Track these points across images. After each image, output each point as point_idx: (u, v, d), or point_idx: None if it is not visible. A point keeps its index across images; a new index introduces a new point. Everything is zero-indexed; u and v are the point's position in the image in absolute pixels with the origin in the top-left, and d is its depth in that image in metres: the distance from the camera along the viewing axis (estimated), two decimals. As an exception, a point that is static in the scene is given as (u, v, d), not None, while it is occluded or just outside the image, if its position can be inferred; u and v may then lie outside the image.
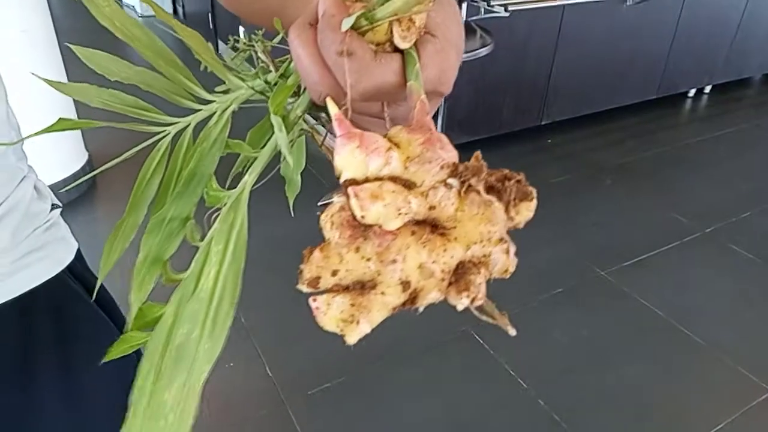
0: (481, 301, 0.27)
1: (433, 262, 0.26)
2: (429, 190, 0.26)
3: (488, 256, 0.27)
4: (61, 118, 0.37)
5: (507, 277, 0.28)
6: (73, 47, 0.38)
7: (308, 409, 1.66)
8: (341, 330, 0.26)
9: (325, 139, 0.41)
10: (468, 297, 0.27)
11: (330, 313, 0.26)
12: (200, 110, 0.40)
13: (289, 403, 1.67)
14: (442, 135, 0.28)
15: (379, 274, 0.26)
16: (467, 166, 0.27)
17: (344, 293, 0.26)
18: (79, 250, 0.63)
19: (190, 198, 0.37)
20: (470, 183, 0.26)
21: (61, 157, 2.47)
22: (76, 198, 2.53)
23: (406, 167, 0.27)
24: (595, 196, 2.82)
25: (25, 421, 0.57)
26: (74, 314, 0.61)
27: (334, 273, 0.26)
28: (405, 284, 0.26)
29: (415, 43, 0.29)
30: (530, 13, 2.78)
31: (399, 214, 0.25)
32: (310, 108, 0.37)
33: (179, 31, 0.38)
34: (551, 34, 3.00)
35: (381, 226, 0.25)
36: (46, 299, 0.58)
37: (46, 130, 0.38)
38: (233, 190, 0.36)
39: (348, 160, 0.26)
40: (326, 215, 0.26)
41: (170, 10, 5.60)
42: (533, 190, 0.28)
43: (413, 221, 0.26)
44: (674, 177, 3.02)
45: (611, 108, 3.55)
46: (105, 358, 0.37)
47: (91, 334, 0.62)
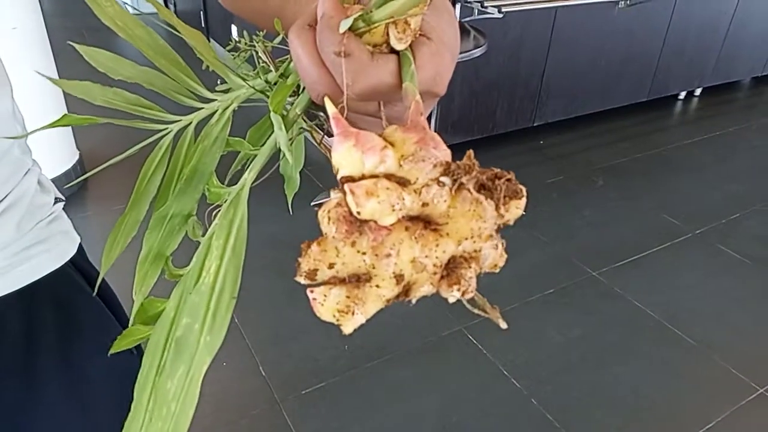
0: (472, 294, 0.29)
1: (426, 257, 0.28)
2: (422, 187, 0.27)
3: (479, 252, 0.29)
4: (66, 114, 0.38)
5: (497, 271, 0.30)
6: (77, 46, 0.38)
7: (302, 408, 1.66)
8: (337, 320, 0.28)
9: (323, 137, 0.42)
10: (459, 290, 0.28)
11: (327, 303, 0.27)
12: (202, 108, 0.41)
13: (282, 402, 1.67)
14: (435, 135, 0.29)
15: (373, 268, 0.27)
16: (459, 164, 0.28)
17: (340, 285, 0.28)
18: (81, 244, 0.64)
19: (192, 195, 0.38)
20: (462, 181, 0.27)
21: (52, 156, 2.46)
22: (67, 197, 2.51)
23: (400, 165, 0.28)
24: (587, 197, 2.84)
25: (28, 411, 0.58)
26: (77, 307, 0.62)
27: (330, 266, 0.27)
28: (398, 277, 0.28)
29: (410, 45, 0.30)
30: (523, 14, 2.79)
31: (393, 210, 0.26)
32: (308, 107, 0.38)
33: (181, 30, 0.38)
34: (544, 35, 3.02)
35: (376, 222, 0.27)
36: (49, 291, 0.58)
37: (53, 125, 0.38)
38: (233, 186, 0.36)
39: (344, 158, 0.27)
40: (324, 211, 0.27)
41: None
42: (523, 189, 0.29)
43: (407, 217, 0.28)
44: (665, 178, 3.05)
45: (603, 110, 3.58)
46: (110, 352, 0.37)
47: (93, 327, 0.63)
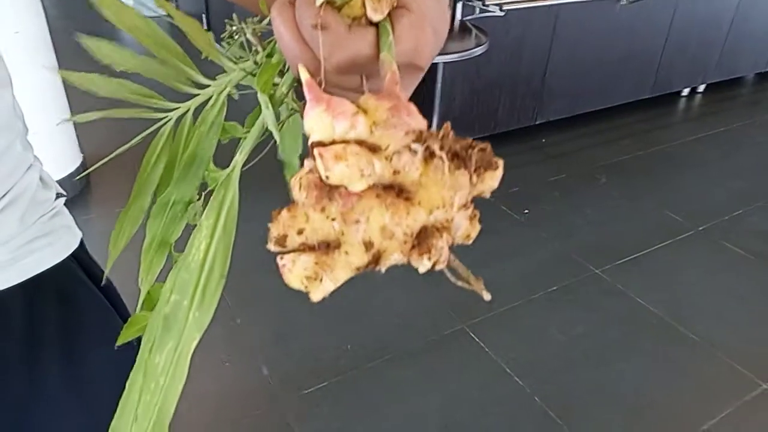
0: (443, 265, 0.28)
1: (396, 225, 0.27)
2: (393, 154, 0.27)
3: (450, 221, 0.28)
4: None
5: (469, 242, 0.29)
6: (83, 39, 0.39)
7: (304, 408, 1.66)
8: (306, 287, 0.27)
9: None
10: (429, 259, 0.28)
11: (295, 270, 0.27)
12: (198, 95, 0.41)
13: (284, 402, 1.67)
14: (410, 104, 0.29)
15: (342, 234, 0.27)
16: (432, 133, 0.28)
17: (309, 252, 0.27)
18: (82, 239, 0.65)
19: (192, 181, 0.38)
20: (433, 149, 0.27)
21: (56, 158, 2.46)
22: (70, 198, 2.51)
23: (372, 132, 0.28)
24: (590, 194, 2.83)
25: (30, 404, 0.58)
26: (79, 300, 0.62)
27: (300, 232, 0.27)
28: (368, 245, 0.27)
29: (390, 18, 0.30)
30: (525, 12, 2.79)
31: (362, 175, 0.26)
32: (296, 86, 0.38)
33: (177, 19, 0.39)
34: (546, 33, 3.02)
35: (346, 188, 0.27)
36: (52, 284, 0.59)
37: (76, 119, 0.40)
38: (226, 169, 0.37)
39: (315, 123, 0.28)
40: (296, 177, 0.27)
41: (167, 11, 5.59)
42: (499, 160, 0.29)
43: (380, 185, 0.27)
44: (668, 175, 3.03)
45: (606, 107, 3.56)
46: (118, 341, 0.38)
47: (95, 321, 0.63)
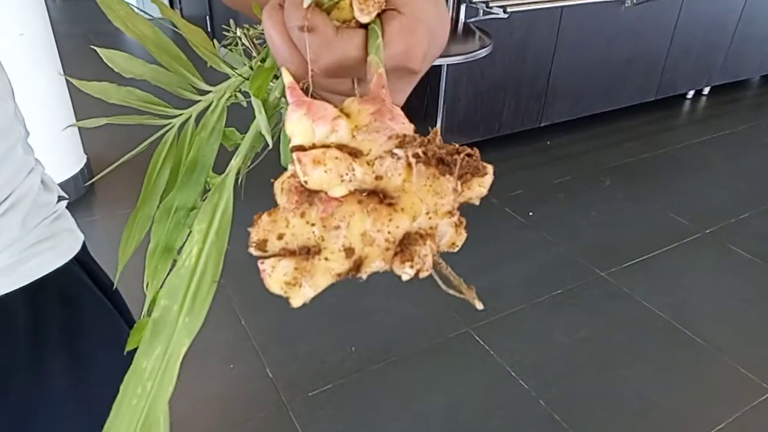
0: (427, 273, 0.28)
1: (377, 231, 0.27)
2: (375, 159, 0.27)
3: (435, 229, 0.28)
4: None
5: (455, 251, 0.29)
6: (98, 49, 0.42)
7: (309, 410, 1.66)
8: (285, 293, 0.27)
9: None
10: (412, 267, 0.27)
11: (274, 275, 0.27)
12: (200, 101, 0.42)
13: (289, 404, 1.67)
14: (395, 107, 0.28)
15: (322, 240, 0.27)
16: (416, 137, 0.27)
17: (290, 257, 0.27)
18: (84, 243, 0.65)
19: (194, 187, 0.38)
20: (417, 153, 0.27)
21: (60, 160, 2.47)
22: (74, 200, 2.53)
23: (353, 136, 0.27)
24: (595, 197, 2.82)
25: (34, 408, 0.58)
26: (82, 303, 0.62)
27: (280, 237, 0.27)
28: (348, 251, 0.27)
29: (381, 20, 0.30)
30: (529, 14, 2.78)
31: (342, 180, 0.26)
32: None
33: (182, 28, 0.41)
34: (550, 35, 3.01)
35: (327, 193, 0.26)
36: (54, 288, 0.59)
37: (84, 124, 0.41)
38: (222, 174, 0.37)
39: (295, 126, 0.27)
40: (279, 181, 0.27)
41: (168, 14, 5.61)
42: (487, 166, 0.28)
43: (362, 191, 0.27)
44: (673, 178, 3.02)
45: (610, 110, 3.56)
46: (127, 347, 0.38)
47: (99, 324, 0.63)
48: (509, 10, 2.60)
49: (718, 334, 1.98)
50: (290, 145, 0.27)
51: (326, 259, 0.27)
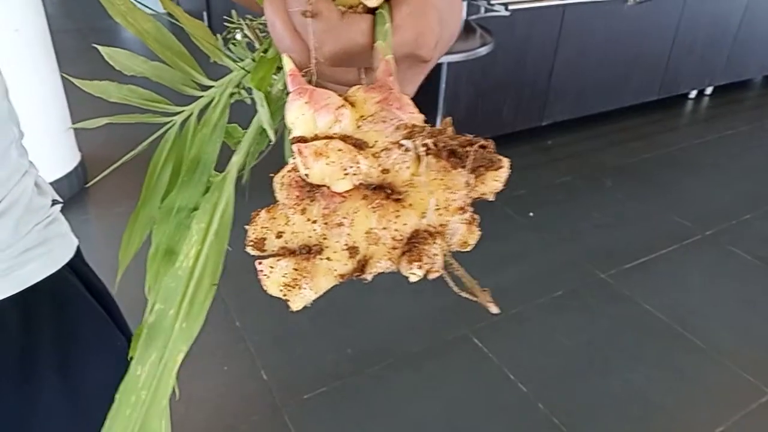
0: (437, 274, 0.26)
1: (384, 229, 0.25)
2: (382, 151, 0.25)
3: (445, 226, 0.26)
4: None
5: (467, 249, 0.27)
6: (99, 48, 0.41)
7: (304, 413, 1.64)
8: (284, 295, 0.25)
9: None
10: (420, 268, 0.25)
11: (273, 276, 0.25)
12: (201, 97, 0.41)
13: (284, 407, 1.65)
14: (403, 96, 0.26)
15: (324, 238, 0.25)
16: (425, 128, 0.25)
17: (289, 257, 0.25)
18: (78, 247, 0.64)
19: (196, 187, 0.37)
20: (426, 145, 0.25)
21: (54, 158, 2.45)
22: (67, 198, 2.51)
23: (358, 126, 0.26)
24: (596, 197, 2.80)
25: (25, 415, 0.58)
26: (74, 310, 0.61)
27: (279, 235, 0.25)
28: (351, 250, 0.25)
29: (390, 6, 0.28)
30: (531, 12, 2.76)
31: (346, 174, 0.24)
32: None
33: (184, 22, 0.40)
34: (552, 33, 2.99)
35: (329, 188, 0.24)
36: (47, 295, 0.58)
37: (85, 125, 0.41)
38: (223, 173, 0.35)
39: (296, 116, 0.26)
40: (278, 176, 0.25)
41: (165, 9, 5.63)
42: (503, 159, 0.26)
43: (367, 185, 0.25)
44: (675, 179, 3.00)
45: (612, 109, 3.54)
46: (130, 354, 0.36)
47: (91, 330, 0.63)
48: (511, 7, 2.57)
49: (718, 337, 1.96)
50: (291, 137, 0.26)
51: (328, 258, 0.25)
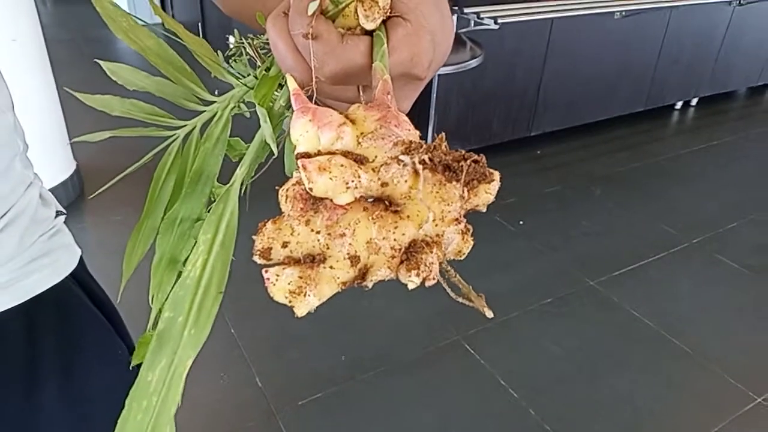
0: (433, 282, 0.27)
1: (383, 239, 0.27)
2: (381, 166, 0.27)
3: (441, 236, 0.28)
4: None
5: (461, 258, 0.29)
6: (102, 63, 0.42)
7: (299, 420, 1.64)
8: (290, 302, 0.27)
9: None
10: (418, 275, 0.27)
11: (279, 284, 0.27)
12: (204, 111, 0.42)
13: (279, 413, 1.66)
14: (401, 114, 0.28)
15: (327, 248, 0.27)
16: (422, 144, 0.27)
17: (294, 265, 0.27)
18: (81, 257, 0.64)
19: (199, 198, 0.38)
20: (423, 160, 0.27)
21: (50, 166, 2.45)
22: (63, 206, 2.50)
23: (359, 143, 0.27)
24: (585, 206, 2.84)
25: (28, 424, 0.57)
26: (77, 320, 0.61)
27: (284, 245, 0.27)
28: (353, 259, 0.27)
29: (386, 27, 0.30)
30: (519, 25, 2.80)
31: (348, 187, 0.26)
32: None
33: (185, 39, 0.41)
34: (540, 46, 3.04)
35: (332, 200, 0.26)
36: (50, 305, 0.58)
37: (89, 138, 0.41)
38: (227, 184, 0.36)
39: (300, 133, 0.27)
40: (283, 189, 0.27)
41: (159, 19, 5.62)
42: (494, 173, 0.28)
43: (367, 198, 0.27)
44: (662, 188, 3.05)
45: (600, 120, 3.59)
46: (132, 362, 0.37)
47: (93, 340, 0.63)
48: (500, 21, 2.62)
49: (706, 344, 1.99)
50: (295, 152, 0.27)
51: (331, 267, 0.27)
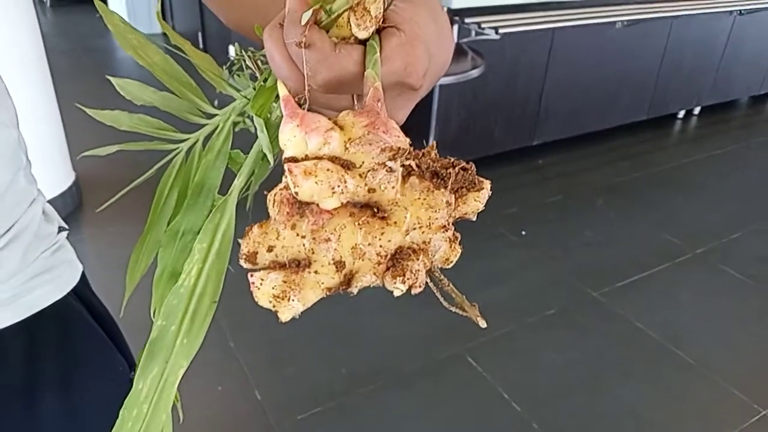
0: (420, 289, 0.27)
1: (369, 245, 0.27)
2: (368, 171, 0.27)
3: (428, 243, 0.27)
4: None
5: (449, 266, 0.28)
6: (112, 79, 0.43)
7: (298, 433, 1.63)
8: (274, 306, 0.27)
9: None
10: (404, 282, 0.26)
11: (263, 288, 0.27)
12: (206, 125, 0.42)
13: (278, 427, 1.64)
14: (390, 120, 0.28)
15: (312, 253, 0.27)
16: (410, 150, 0.27)
17: (279, 270, 0.27)
18: (83, 272, 0.64)
19: (201, 211, 0.38)
20: (410, 166, 0.26)
21: (49, 177, 2.45)
22: (62, 218, 2.50)
23: (346, 148, 0.27)
24: (587, 216, 2.83)
25: None
26: (78, 335, 0.61)
27: (270, 249, 0.27)
28: (338, 264, 0.27)
29: (380, 37, 0.30)
30: (520, 35, 2.81)
31: (333, 192, 0.26)
32: None
33: (190, 54, 0.42)
34: (542, 56, 3.04)
35: (318, 205, 0.26)
36: (51, 320, 0.58)
37: (96, 152, 0.43)
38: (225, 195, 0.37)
39: (288, 138, 0.27)
40: (271, 193, 0.27)
41: (159, 28, 5.67)
42: (484, 181, 0.28)
43: (355, 204, 0.27)
44: (665, 198, 3.04)
45: (602, 129, 3.59)
46: (134, 378, 0.37)
47: (94, 355, 0.63)
48: (501, 31, 2.62)
49: (710, 355, 1.97)
50: (283, 157, 0.27)
51: (316, 272, 0.27)
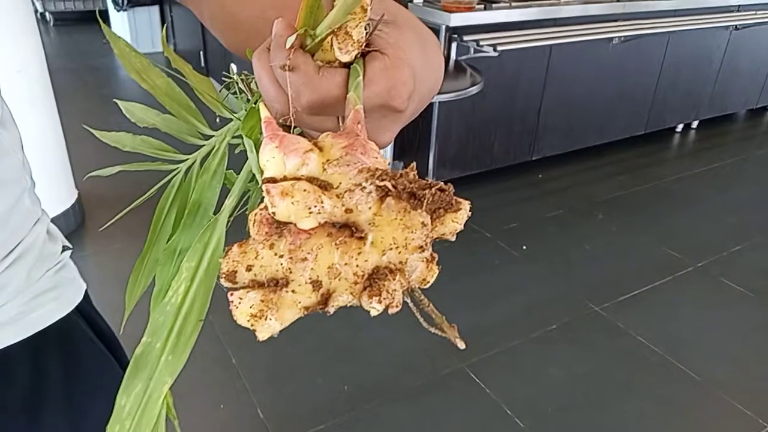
0: (397, 309, 0.27)
1: (345, 264, 0.27)
2: (345, 192, 0.27)
3: (404, 263, 0.28)
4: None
5: (426, 287, 0.28)
6: (119, 103, 0.45)
7: (300, 451, 1.62)
8: (252, 325, 0.27)
9: None
10: (380, 302, 0.27)
11: (241, 307, 0.27)
12: (203, 146, 0.43)
13: (280, 445, 1.63)
14: (368, 142, 0.29)
15: (290, 272, 0.27)
16: (387, 171, 0.27)
17: (258, 289, 0.27)
18: (86, 291, 0.65)
19: (197, 230, 0.39)
20: (386, 187, 0.27)
21: (51, 196, 2.47)
22: (65, 235, 2.50)
23: (324, 169, 0.28)
24: (587, 231, 2.83)
25: None
26: (82, 353, 0.62)
27: (249, 268, 0.27)
28: (315, 284, 0.27)
29: (365, 61, 0.31)
30: (519, 53, 2.84)
31: (310, 212, 0.26)
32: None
33: (190, 77, 0.43)
34: (540, 72, 3.06)
35: (296, 225, 0.26)
36: (55, 338, 0.58)
37: (101, 173, 0.44)
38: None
39: (268, 159, 0.28)
40: (252, 213, 0.27)
41: (160, 47, 5.69)
42: (463, 202, 0.28)
43: (333, 224, 0.27)
44: (665, 211, 3.04)
45: (601, 143, 3.60)
46: None
47: (97, 373, 0.63)
48: (499, 48, 2.64)
49: (712, 369, 1.97)
50: (262, 177, 0.28)
51: (293, 291, 0.27)
